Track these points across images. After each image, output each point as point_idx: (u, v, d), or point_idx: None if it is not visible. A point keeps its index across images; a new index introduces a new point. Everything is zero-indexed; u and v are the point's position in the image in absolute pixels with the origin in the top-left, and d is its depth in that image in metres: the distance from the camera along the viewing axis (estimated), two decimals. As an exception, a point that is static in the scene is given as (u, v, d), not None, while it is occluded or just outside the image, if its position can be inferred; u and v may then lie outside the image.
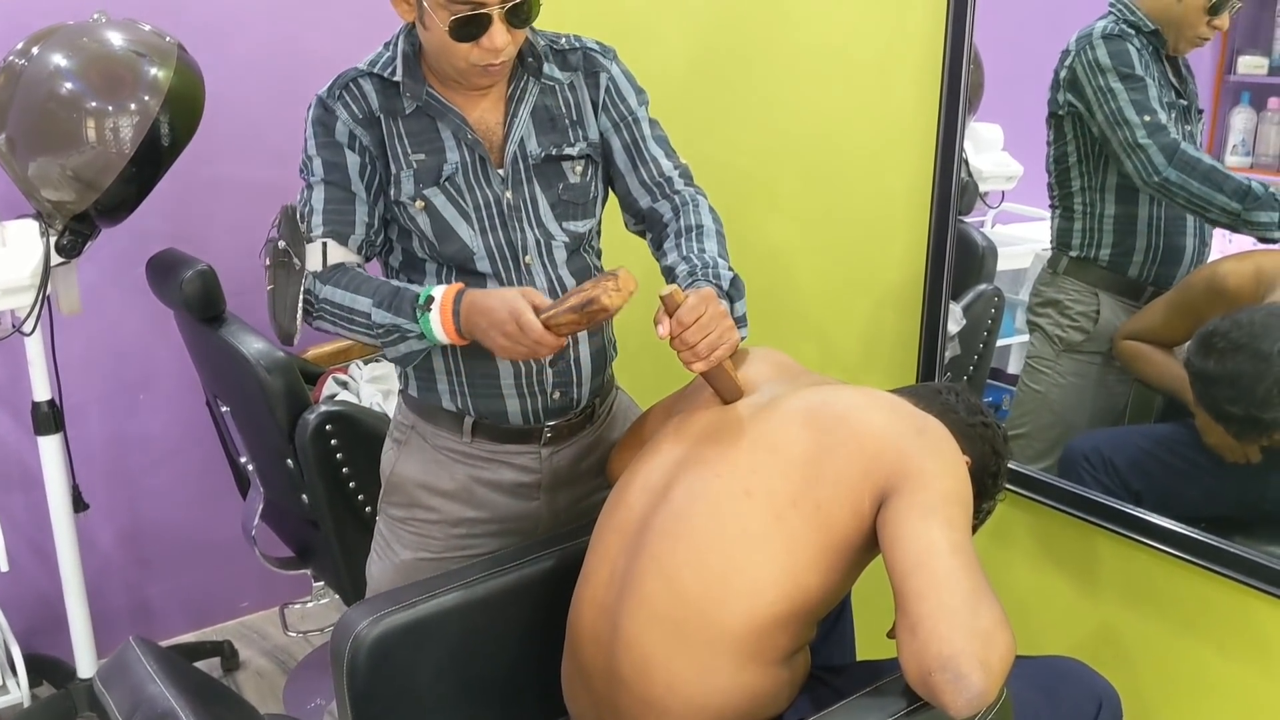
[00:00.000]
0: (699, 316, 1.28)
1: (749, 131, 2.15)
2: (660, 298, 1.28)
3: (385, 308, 1.40)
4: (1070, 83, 1.62)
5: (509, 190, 1.48)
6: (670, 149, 1.59)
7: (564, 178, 1.51)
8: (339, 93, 1.46)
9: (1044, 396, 1.77)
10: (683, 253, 1.46)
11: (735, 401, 1.36)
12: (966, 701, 1.03)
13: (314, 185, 1.47)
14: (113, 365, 2.42)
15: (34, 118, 1.89)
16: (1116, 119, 1.57)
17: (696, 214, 1.52)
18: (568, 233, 1.52)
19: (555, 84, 1.51)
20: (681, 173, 1.59)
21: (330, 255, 1.45)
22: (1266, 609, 1.50)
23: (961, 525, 1.15)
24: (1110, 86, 1.56)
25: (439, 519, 1.58)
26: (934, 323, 1.83)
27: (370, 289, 1.42)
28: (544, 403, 1.54)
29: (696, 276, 1.40)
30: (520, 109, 1.49)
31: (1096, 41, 1.58)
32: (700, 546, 1.23)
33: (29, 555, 2.38)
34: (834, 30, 1.94)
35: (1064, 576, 1.77)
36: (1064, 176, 1.69)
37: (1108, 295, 1.69)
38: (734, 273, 1.43)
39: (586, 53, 1.54)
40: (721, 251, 1.48)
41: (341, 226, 1.46)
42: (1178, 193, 1.55)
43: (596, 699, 1.33)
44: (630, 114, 1.55)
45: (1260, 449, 1.50)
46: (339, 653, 1.35)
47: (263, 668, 2.55)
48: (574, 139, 1.52)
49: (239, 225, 2.12)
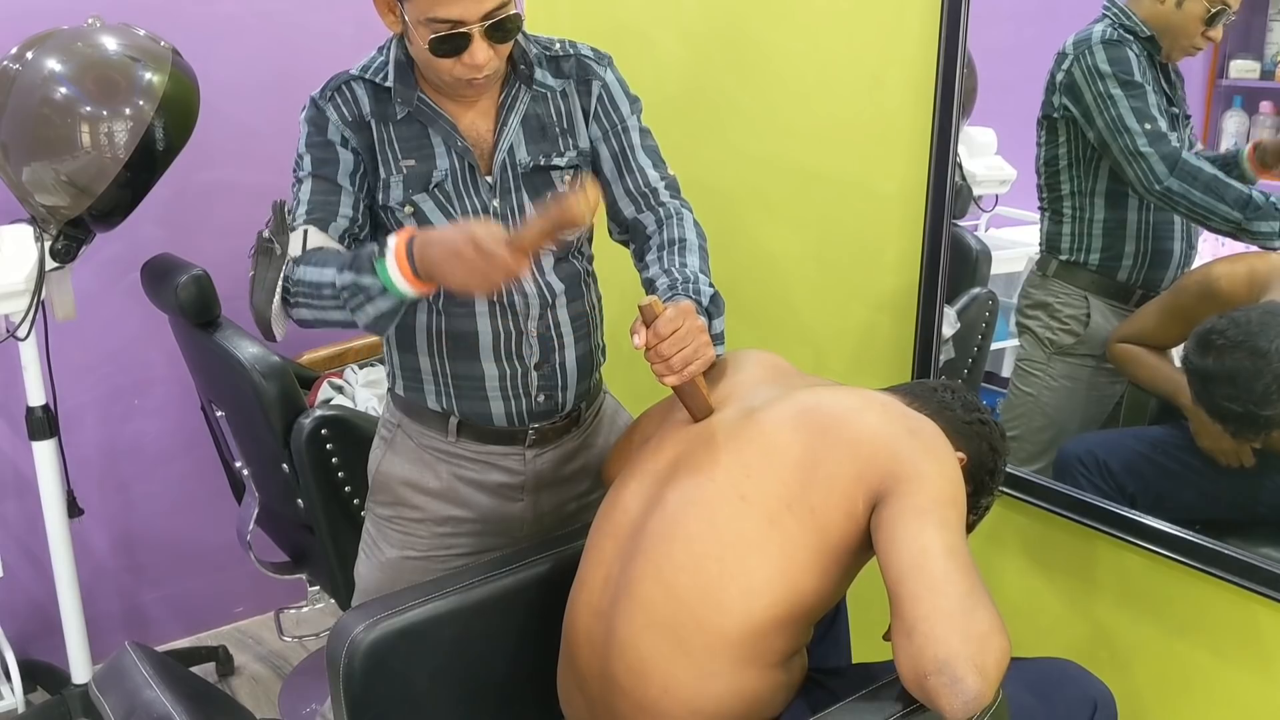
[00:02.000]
0: (676, 329, 1.27)
1: (744, 136, 2.15)
2: (639, 308, 1.28)
3: (347, 268, 1.34)
4: (1067, 87, 1.62)
5: (496, 198, 1.48)
6: (659, 159, 1.58)
7: (552, 187, 1.51)
8: (331, 94, 1.47)
9: (1035, 399, 1.78)
10: (664, 265, 1.46)
11: (706, 418, 1.35)
12: (963, 704, 1.03)
13: (302, 180, 1.47)
14: (107, 370, 2.42)
15: (28, 123, 1.89)
16: (1117, 126, 1.57)
17: (680, 227, 1.51)
18: (555, 240, 1.51)
19: (547, 92, 1.51)
20: (668, 184, 1.57)
21: (310, 241, 1.42)
22: (1262, 611, 1.50)
23: (956, 527, 1.15)
24: (1110, 92, 1.56)
25: (423, 517, 1.58)
26: (929, 327, 1.83)
27: (336, 260, 1.37)
28: (529, 405, 1.54)
29: (677, 290, 1.39)
30: (511, 117, 1.48)
31: (1095, 46, 1.58)
32: (695, 550, 1.23)
33: (23, 561, 2.38)
34: (828, 35, 1.94)
35: (1059, 579, 1.77)
36: (1054, 180, 1.69)
37: (1097, 298, 1.69)
38: (714, 289, 1.43)
39: (580, 60, 1.53)
40: (703, 267, 1.47)
41: (324, 214, 1.44)
42: (1179, 202, 1.55)
43: (592, 703, 1.33)
44: (620, 123, 1.54)
45: (1253, 452, 1.50)
46: (335, 657, 1.35)
47: (258, 673, 2.55)
48: (564, 148, 1.51)
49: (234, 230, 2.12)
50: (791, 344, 2.11)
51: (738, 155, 2.17)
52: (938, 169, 1.76)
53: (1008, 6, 1.75)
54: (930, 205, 1.78)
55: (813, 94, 1.99)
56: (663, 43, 2.28)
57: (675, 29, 2.25)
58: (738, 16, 2.11)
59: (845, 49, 1.92)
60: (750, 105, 2.12)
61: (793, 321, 2.13)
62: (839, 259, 2.01)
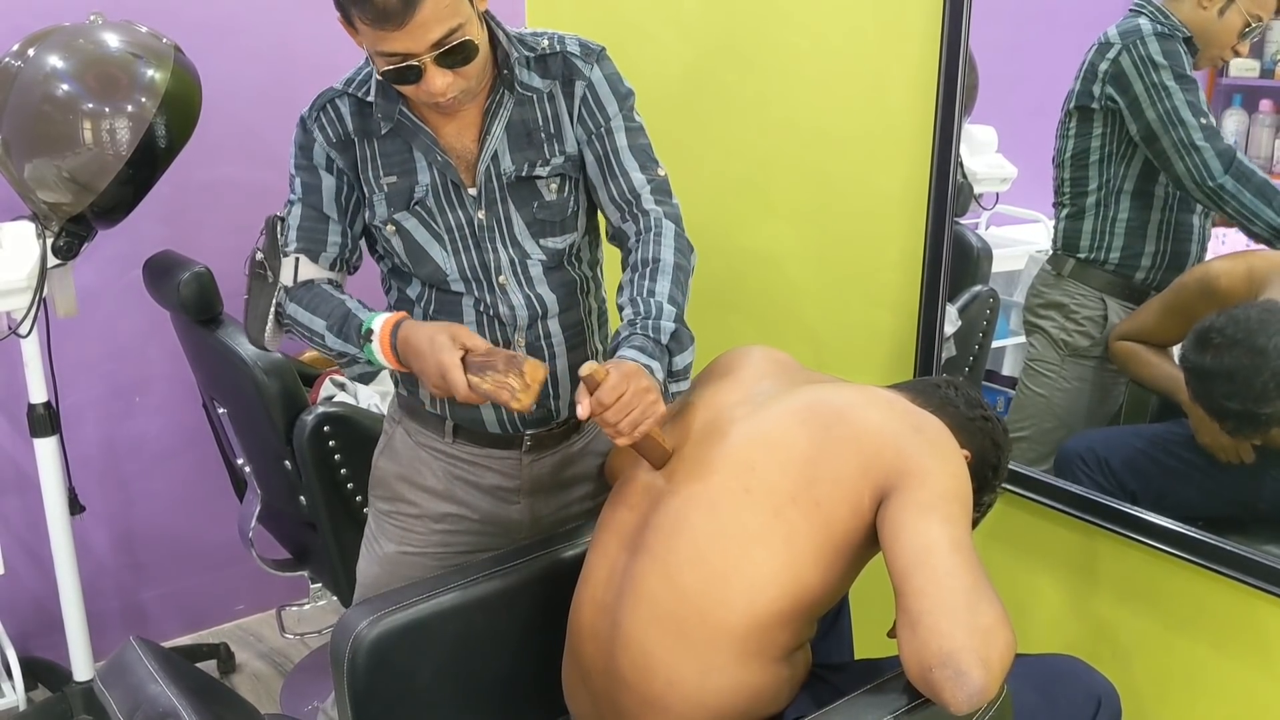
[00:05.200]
0: (619, 395, 1.24)
1: (745, 134, 2.16)
2: (580, 376, 1.26)
3: (336, 333, 1.43)
4: (1114, 77, 1.57)
5: (482, 210, 1.46)
6: (648, 159, 1.49)
7: (539, 196, 1.47)
8: (317, 114, 1.46)
9: (1047, 400, 1.77)
10: (632, 293, 1.40)
11: (664, 466, 1.33)
12: (967, 698, 1.03)
13: (293, 204, 1.49)
14: (109, 367, 2.41)
15: (30, 120, 1.88)
16: (1173, 118, 1.53)
17: (657, 244, 1.43)
18: (545, 250, 1.48)
19: (533, 94, 1.45)
20: (655, 187, 1.48)
21: (302, 271, 1.48)
22: (1262, 606, 1.51)
23: (961, 522, 1.15)
24: (1165, 84, 1.53)
25: (421, 513, 1.58)
26: (930, 324, 1.84)
27: (326, 310, 1.45)
28: (520, 414, 1.53)
29: (635, 329, 1.35)
30: (494, 125, 1.43)
31: (1148, 38, 1.54)
32: (700, 544, 1.24)
33: (24, 558, 2.38)
34: (830, 32, 1.94)
35: (1060, 575, 1.78)
36: (1080, 174, 1.66)
37: (1114, 300, 1.68)
38: (677, 324, 1.37)
39: (567, 58, 1.46)
40: (674, 292, 1.39)
41: (314, 245, 1.49)
42: (1229, 201, 1.52)
43: (597, 698, 1.34)
44: (604, 124, 1.47)
45: (1253, 448, 1.51)
46: (339, 653, 1.35)
47: (259, 670, 2.55)
48: (550, 154, 1.46)
49: (235, 227, 2.12)
50: (794, 341, 2.11)
51: (740, 152, 2.17)
52: (940, 167, 1.76)
53: (1009, 3, 1.75)
54: (932, 203, 1.78)
55: (815, 91, 2.00)
56: (664, 39, 2.28)
57: (677, 25, 2.25)
58: (739, 13, 2.11)
59: (848, 47, 1.92)
60: (752, 102, 2.12)
61: (795, 318, 2.13)
62: (841, 256, 2.01)
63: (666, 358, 1.35)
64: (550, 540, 1.54)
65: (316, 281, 1.50)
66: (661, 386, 1.32)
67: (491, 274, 1.47)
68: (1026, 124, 1.78)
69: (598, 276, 1.60)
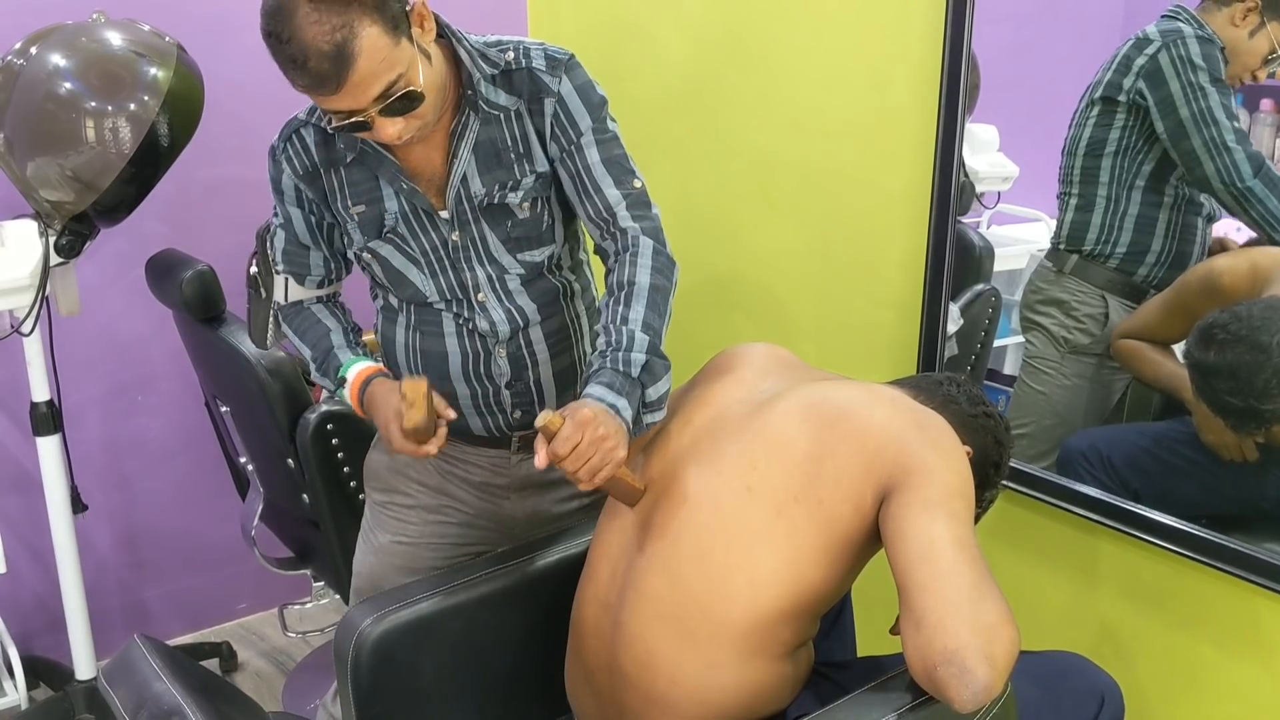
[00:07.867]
0: (574, 446, 1.22)
1: (748, 133, 2.16)
2: (537, 427, 1.25)
3: (318, 367, 1.55)
4: (1149, 73, 1.57)
5: (455, 231, 1.45)
6: (623, 171, 1.44)
7: (512, 215, 1.44)
8: (284, 145, 1.47)
9: (1047, 397, 1.77)
10: (605, 320, 1.38)
11: (636, 504, 1.32)
12: (971, 695, 1.03)
13: (276, 228, 1.55)
14: (112, 366, 2.41)
15: (32, 118, 1.88)
16: (1207, 117, 1.54)
17: (633, 265, 1.40)
18: (523, 264, 1.47)
19: (500, 113, 1.41)
20: (630, 201, 1.44)
21: (291, 292, 1.57)
22: (1265, 604, 1.51)
23: (964, 519, 1.15)
24: (1202, 84, 1.53)
25: (414, 504, 1.60)
26: (933, 323, 1.84)
27: (313, 339, 1.55)
28: (505, 420, 1.53)
29: (605, 365, 1.33)
30: (461, 148, 1.40)
31: (1190, 39, 1.54)
32: (702, 542, 1.24)
33: (27, 557, 2.38)
34: (833, 31, 1.95)
35: (1064, 573, 1.78)
36: (1093, 163, 1.65)
37: (1115, 297, 1.68)
38: (649, 355, 1.34)
39: (532, 73, 1.40)
40: (649, 316, 1.37)
41: (299, 269, 1.56)
42: (1254, 205, 1.52)
43: (599, 695, 1.34)
44: (575, 140, 1.42)
45: (1256, 446, 1.51)
46: (342, 651, 1.36)
47: (261, 669, 2.55)
48: (520, 174, 1.43)
49: (238, 226, 2.12)
50: (796, 339, 2.11)
51: (742, 152, 2.17)
52: (943, 166, 1.76)
53: (1011, 3, 1.75)
54: (936, 201, 1.79)
55: (817, 91, 2.00)
56: (666, 40, 2.28)
57: (678, 26, 2.25)
58: (741, 14, 2.11)
59: (850, 46, 1.92)
60: (754, 102, 2.13)
61: (797, 318, 2.13)
62: (843, 256, 2.01)
63: (639, 390, 1.33)
64: (553, 538, 1.54)
65: (305, 303, 1.58)
66: (630, 421, 1.31)
67: (470, 292, 1.47)
68: (1028, 123, 1.78)
69: (584, 279, 1.58)
